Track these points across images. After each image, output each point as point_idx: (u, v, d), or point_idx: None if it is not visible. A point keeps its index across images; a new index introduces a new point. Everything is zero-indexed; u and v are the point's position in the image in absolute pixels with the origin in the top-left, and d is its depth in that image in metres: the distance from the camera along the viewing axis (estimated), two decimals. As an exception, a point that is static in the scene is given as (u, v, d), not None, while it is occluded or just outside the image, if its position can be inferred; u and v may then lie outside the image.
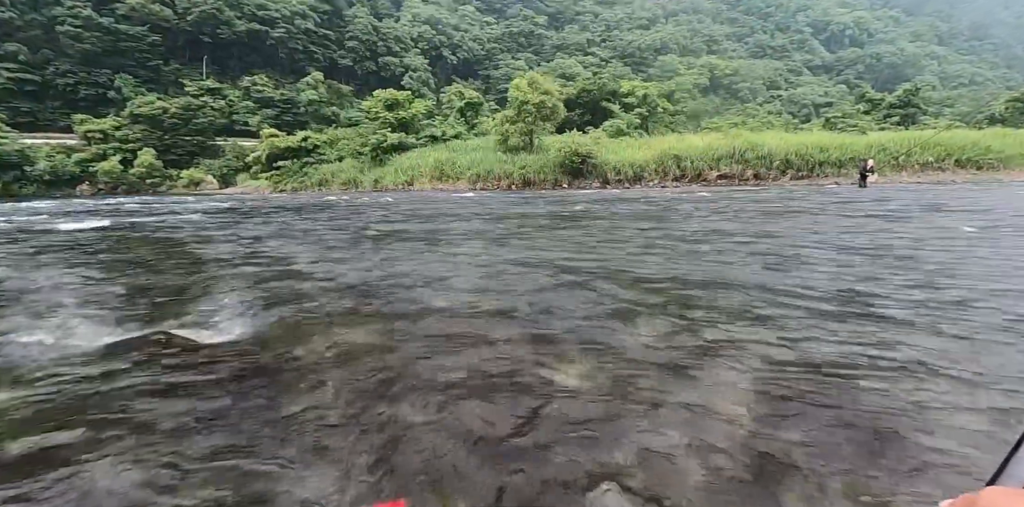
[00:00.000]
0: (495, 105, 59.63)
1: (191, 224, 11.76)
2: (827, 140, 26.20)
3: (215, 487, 1.74)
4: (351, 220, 12.00)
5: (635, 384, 2.39)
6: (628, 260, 5.53)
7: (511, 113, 32.06)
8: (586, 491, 1.64)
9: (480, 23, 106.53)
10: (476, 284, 4.58)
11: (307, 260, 6.15)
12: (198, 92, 58.59)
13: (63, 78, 54.93)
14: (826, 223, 8.52)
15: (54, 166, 44.36)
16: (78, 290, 4.71)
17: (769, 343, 2.84)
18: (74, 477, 1.78)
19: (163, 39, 62.36)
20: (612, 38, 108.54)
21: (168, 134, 50.43)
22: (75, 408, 2.33)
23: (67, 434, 2.09)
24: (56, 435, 2.08)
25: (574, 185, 28.21)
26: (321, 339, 3.21)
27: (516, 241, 7.42)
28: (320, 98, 65.97)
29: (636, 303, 3.77)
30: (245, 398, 2.40)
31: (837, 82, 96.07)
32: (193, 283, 4.96)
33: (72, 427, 2.15)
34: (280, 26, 70.79)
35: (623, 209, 13.01)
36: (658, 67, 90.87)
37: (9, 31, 53.15)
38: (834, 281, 4.24)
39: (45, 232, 10.24)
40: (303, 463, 1.84)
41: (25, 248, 7.67)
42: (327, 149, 39.86)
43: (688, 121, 52.72)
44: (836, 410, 2.07)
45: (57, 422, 2.20)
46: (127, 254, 7.11)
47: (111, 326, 3.55)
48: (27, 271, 5.68)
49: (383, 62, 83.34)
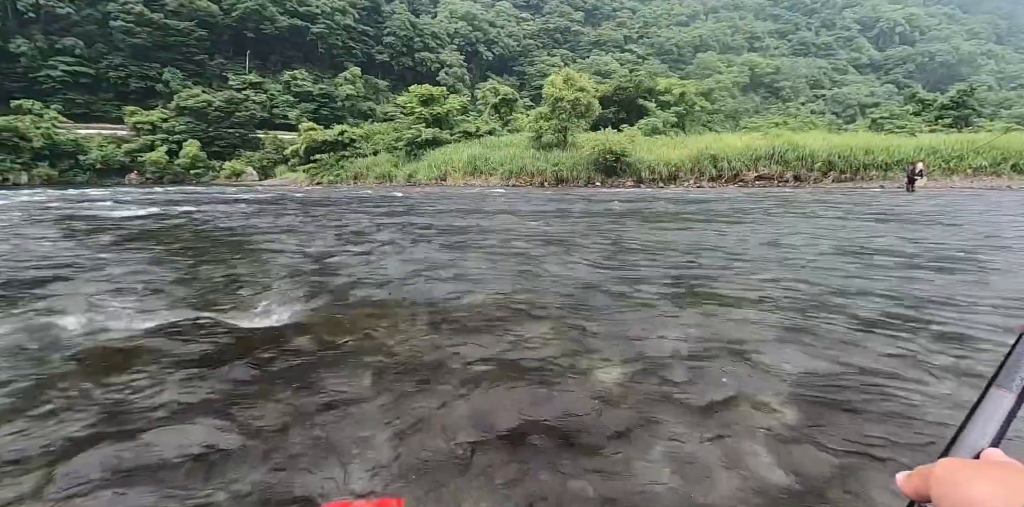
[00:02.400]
0: (529, 102, 59.47)
1: (233, 214, 12.11)
2: (873, 141, 25.30)
3: (247, 459, 1.83)
4: (388, 213, 12.17)
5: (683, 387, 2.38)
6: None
7: (545, 110, 31.98)
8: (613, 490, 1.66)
9: (516, 19, 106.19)
10: (511, 280, 4.61)
11: (345, 251, 6.28)
12: (241, 86, 60.20)
13: (115, 71, 57.08)
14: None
15: (105, 156, 46.24)
16: (129, 275, 4.90)
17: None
18: (131, 441, 1.88)
19: (209, 34, 64.15)
20: (649, 35, 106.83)
21: (212, 126, 51.96)
22: (127, 381, 2.45)
23: (123, 401, 2.21)
24: (114, 402, 2.20)
25: (607, 183, 27.99)
26: (355, 327, 3.29)
27: (551, 236, 7.42)
28: (357, 93, 66.97)
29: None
30: (280, 380, 2.48)
31: (885, 82, 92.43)
32: (236, 271, 5.12)
33: (127, 402, 2.26)
34: (320, 22, 72.01)
35: (668, 207, 12.85)
36: (696, 65, 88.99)
37: (66, 26, 55.52)
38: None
39: (98, 218, 10.70)
40: (327, 445, 1.90)
41: (82, 234, 8.04)
42: (363, 143, 40.50)
43: (726, 120, 51.70)
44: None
45: (112, 393, 2.32)
46: (174, 242, 7.37)
47: (160, 309, 3.69)
48: (83, 256, 5.95)
49: (419, 58, 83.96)
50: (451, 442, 1.91)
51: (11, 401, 2.28)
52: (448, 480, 1.69)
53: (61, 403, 2.26)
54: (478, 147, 34.25)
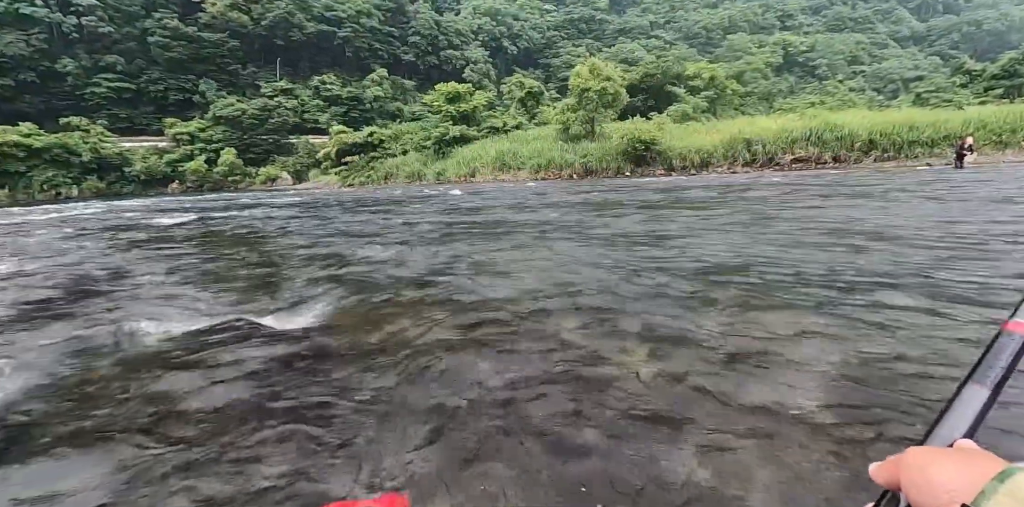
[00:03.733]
0: (556, 94, 59.03)
1: (268, 218, 12.44)
2: (917, 117, 23.97)
3: (283, 450, 1.86)
4: (418, 211, 12.28)
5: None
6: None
7: (572, 101, 31.66)
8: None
9: (540, 11, 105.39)
10: (541, 277, 4.56)
11: (375, 251, 6.35)
12: (272, 93, 61.66)
13: (154, 85, 59.31)
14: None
15: (148, 167, 48.17)
16: (172, 280, 5.09)
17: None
18: (175, 436, 1.93)
19: (240, 44, 65.98)
20: (676, 19, 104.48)
21: (247, 134, 53.45)
22: (163, 381, 2.53)
23: (159, 400, 2.28)
24: (150, 400, 2.27)
25: (637, 173, 27.55)
26: (386, 327, 3.31)
27: (573, 232, 7.34)
28: (384, 94, 67.77)
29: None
30: (311, 379, 2.52)
31: (929, 54, 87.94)
32: (270, 273, 5.24)
33: (167, 399, 2.34)
34: (347, 26, 73.03)
35: (703, 195, 12.56)
36: (727, 47, 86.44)
37: (108, 44, 57.95)
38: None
39: (146, 226, 11.16)
40: (356, 439, 1.92)
41: (129, 242, 8.38)
42: (392, 143, 40.98)
43: (759, 102, 50.16)
44: None
45: (155, 395, 2.39)
46: (213, 246, 7.61)
47: (199, 313, 3.82)
48: (132, 262, 6.21)
49: (444, 56, 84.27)
50: (479, 437, 1.90)
51: (70, 392, 2.38)
52: (474, 476, 1.68)
53: (107, 398, 2.37)
54: (506, 142, 34.17)
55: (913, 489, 0.38)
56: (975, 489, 0.33)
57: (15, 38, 51.23)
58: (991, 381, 0.46)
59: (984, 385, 0.46)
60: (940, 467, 0.37)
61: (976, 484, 0.34)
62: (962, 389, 0.47)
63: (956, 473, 0.36)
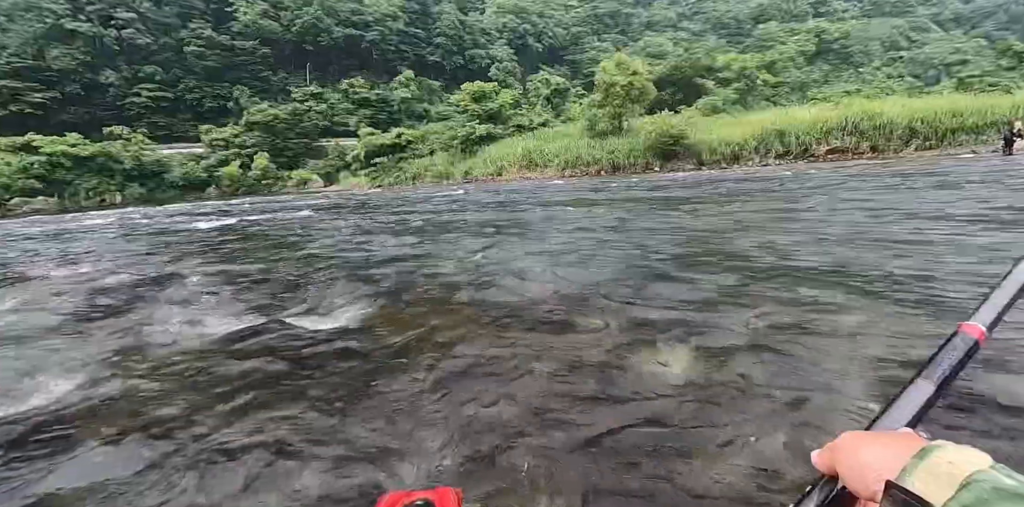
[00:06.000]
0: (582, 90, 58.57)
1: (301, 220, 12.72)
2: (961, 103, 22.88)
3: (320, 447, 1.89)
4: (445, 210, 12.37)
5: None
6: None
7: (598, 97, 31.36)
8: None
9: (564, 7, 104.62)
10: (571, 277, 4.53)
11: (406, 253, 6.43)
12: (303, 98, 62.89)
13: (191, 93, 61.26)
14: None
15: (187, 173, 49.74)
16: (209, 282, 5.26)
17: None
18: (213, 433, 1.99)
19: (272, 51, 67.59)
20: (704, 10, 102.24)
21: (279, 138, 54.61)
22: (205, 383, 2.62)
23: (203, 401, 2.35)
24: (194, 402, 2.35)
25: (666, 168, 27.14)
26: (416, 328, 3.34)
27: (607, 234, 7.27)
28: (411, 95, 68.38)
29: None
30: (345, 379, 2.56)
31: (973, 37, 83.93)
32: (303, 275, 5.36)
33: (206, 396, 2.41)
34: (373, 29, 73.96)
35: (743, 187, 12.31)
36: (757, 37, 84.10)
37: (146, 55, 60.14)
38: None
39: (185, 231, 11.54)
40: (388, 438, 1.95)
41: (168, 245, 8.69)
42: (419, 144, 41.35)
43: (792, 92, 48.82)
44: None
45: (192, 393, 2.47)
46: (249, 249, 7.83)
47: (235, 314, 3.94)
48: (171, 265, 6.44)
49: (470, 55, 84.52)
50: (512, 439, 1.90)
51: (117, 390, 2.48)
52: (506, 475, 1.69)
53: (148, 395, 2.46)
54: (532, 140, 34.10)
55: (847, 472, 0.40)
56: (899, 467, 0.35)
57: (61, 52, 53.68)
58: (938, 377, 0.48)
59: (931, 380, 0.48)
60: (869, 449, 0.39)
61: (901, 463, 0.35)
62: (911, 383, 0.48)
63: (883, 454, 0.37)
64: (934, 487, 0.32)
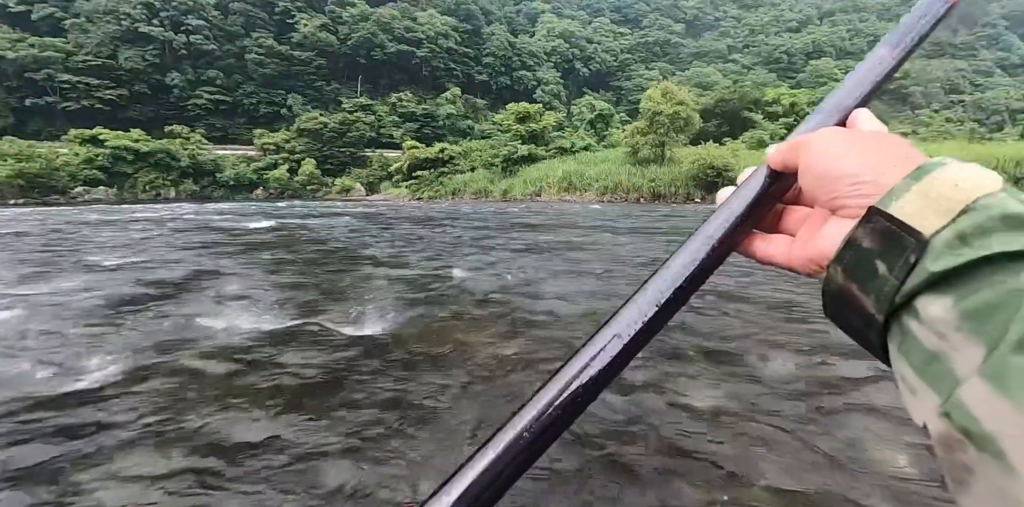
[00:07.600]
0: (626, 116, 58.89)
1: (344, 227, 13.09)
2: (1028, 152, 22.11)
3: (349, 445, 2.02)
4: (484, 228, 12.56)
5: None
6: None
7: (642, 125, 31.40)
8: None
9: (613, 34, 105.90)
10: (602, 296, 4.63)
11: (443, 265, 6.59)
12: (352, 108, 64.96)
13: (248, 98, 64.29)
14: None
15: (237, 174, 51.74)
16: (252, 282, 5.50)
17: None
18: (249, 425, 2.14)
19: (327, 62, 70.43)
20: (756, 43, 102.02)
21: (326, 146, 56.45)
22: (242, 381, 2.79)
23: (240, 400, 2.51)
24: (231, 400, 2.51)
25: (708, 199, 26.95)
26: (448, 338, 3.48)
27: (636, 255, 7.32)
28: (457, 112, 69.86)
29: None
30: (374, 385, 2.70)
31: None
32: (341, 281, 5.56)
33: (243, 395, 2.57)
34: (425, 46, 76.25)
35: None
36: (809, 72, 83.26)
37: (210, 60, 63.46)
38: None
39: (232, 229, 12.03)
40: (416, 449, 2.05)
41: (215, 243, 9.08)
42: (461, 160, 42.02)
43: (842, 131, 47.87)
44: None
45: (231, 391, 2.64)
46: (291, 252, 8.12)
47: (274, 315, 4.13)
48: (216, 262, 6.76)
49: (517, 76, 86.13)
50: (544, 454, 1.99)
51: (150, 387, 2.68)
52: (534, 486, 1.78)
53: (181, 393, 2.63)
54: (573, 163, 34.24)
55: (810, 176, 0.34)
56: (887, 186, 0.28)
57: (133, 53, 57.14)
58: (903, 47, 0.42)
59: (893, 47, 0.42)
60: (850, 155, 0.32)
61: (890, 180, 0.28)
62: (871, 55, 0.43)
63: (864, 164, 0.31)
64: (927, 212, 0.25)
